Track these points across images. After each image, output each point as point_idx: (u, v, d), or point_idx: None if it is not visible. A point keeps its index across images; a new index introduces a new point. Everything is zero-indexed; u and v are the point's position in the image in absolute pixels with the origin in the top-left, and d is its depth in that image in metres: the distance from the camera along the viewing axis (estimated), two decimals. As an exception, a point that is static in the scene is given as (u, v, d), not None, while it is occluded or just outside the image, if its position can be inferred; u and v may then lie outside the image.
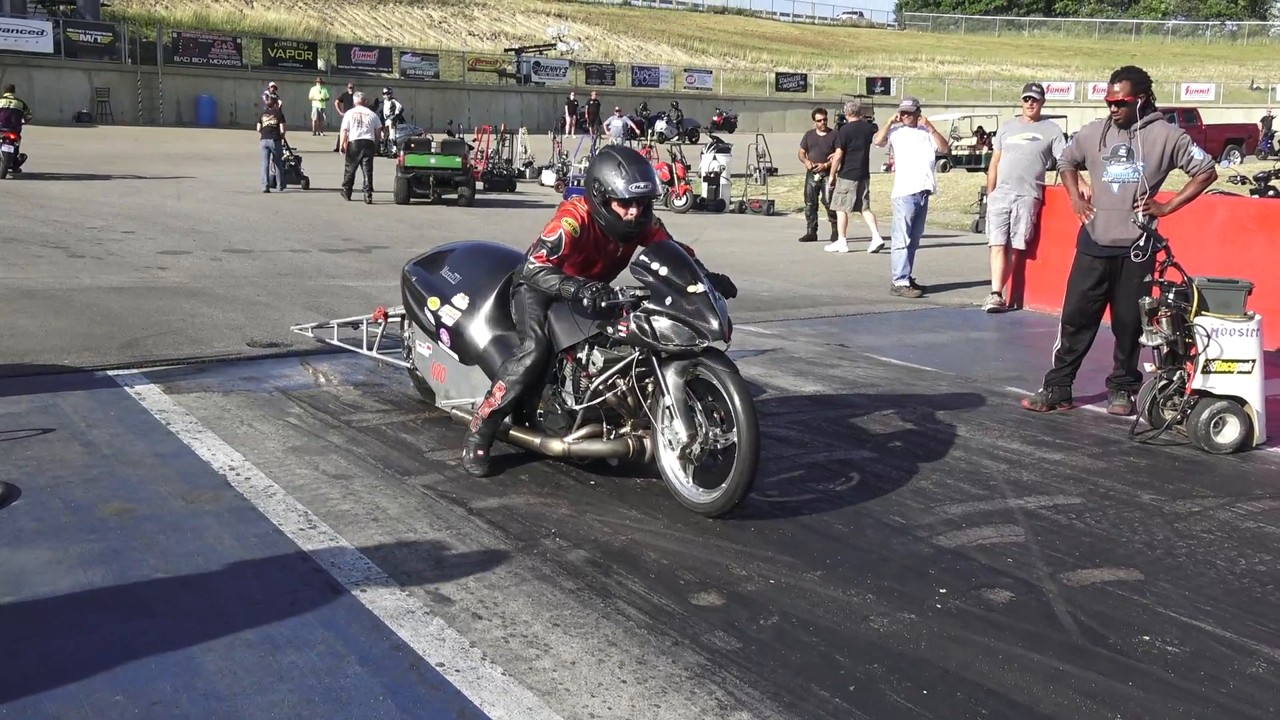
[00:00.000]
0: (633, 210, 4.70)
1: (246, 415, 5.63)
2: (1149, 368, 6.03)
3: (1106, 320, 6.48)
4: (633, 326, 4.46)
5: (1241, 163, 29.30)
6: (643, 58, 55.87)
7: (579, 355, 4.78)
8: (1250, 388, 5.69)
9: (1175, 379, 5.82)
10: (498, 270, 5.44)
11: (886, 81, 57.79)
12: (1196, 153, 6.12)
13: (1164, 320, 5.79)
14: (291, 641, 3.27)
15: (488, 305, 5.31)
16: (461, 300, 5.37)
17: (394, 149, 24.33)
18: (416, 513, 4.38)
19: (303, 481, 4.67)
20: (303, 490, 4.56)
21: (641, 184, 4.66)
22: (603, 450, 4.75)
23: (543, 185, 22.98)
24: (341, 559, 3.88)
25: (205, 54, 38.81)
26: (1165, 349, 5.84)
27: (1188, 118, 33.39)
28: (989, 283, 10.46)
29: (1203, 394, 5.70)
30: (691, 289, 4.41)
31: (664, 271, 4.49)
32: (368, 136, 18.41)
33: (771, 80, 55.68)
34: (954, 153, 30.19)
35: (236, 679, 3.04)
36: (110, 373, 6.32)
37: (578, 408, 4.76)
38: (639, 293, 4.51)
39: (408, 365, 5.99)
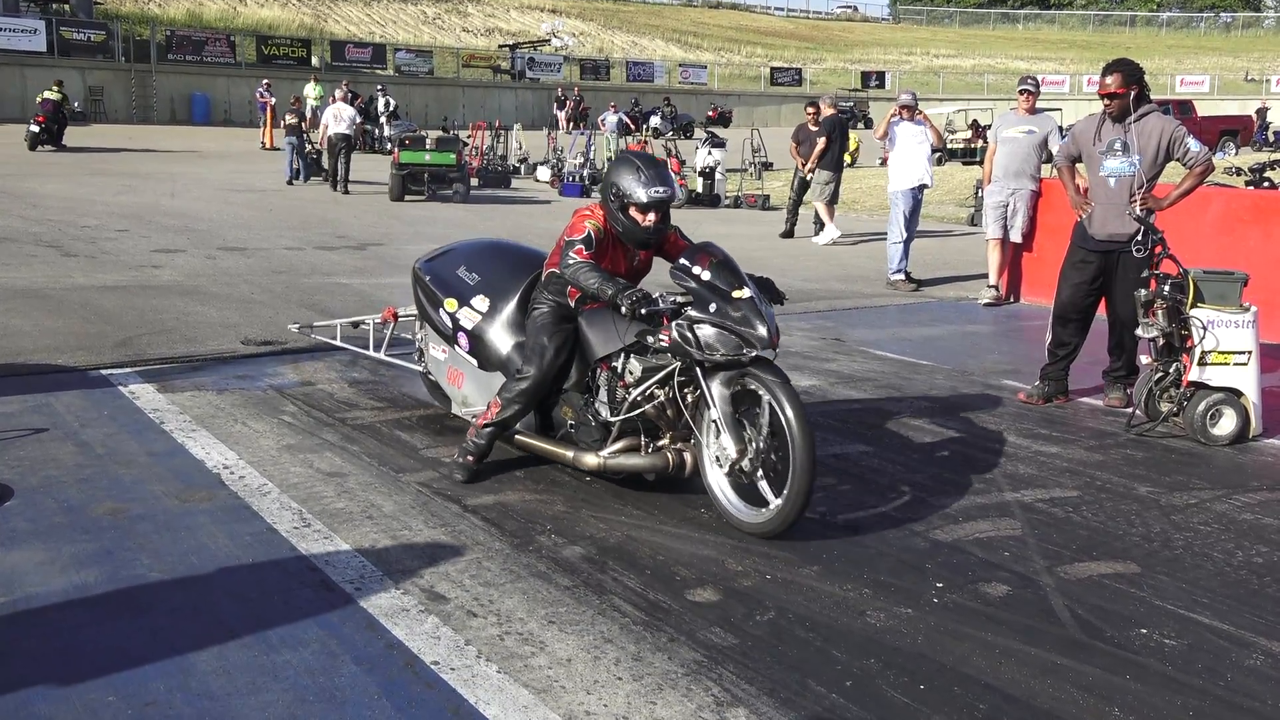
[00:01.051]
0: (651, 215, 4.52)
1: (241, 414, 5.61)
2: (1145, 360, 6.02)
3: (1101, 314, 6.47)
4: (674, 335, 4.19)
5: (1236, 154, 29.29)
6: (637, 53, 55.79)
7: (614, 364, 4.53)
8: (1246, 379, 5.69)
9: (1171, 371, 5.81)
10: (519, 270, 5.18)
11: (881, 75, 57.76)
12: (1193, 144, 6.09)
13: (1160, 312, 5.78)
14: (286, 640, 3.25)
15: (509, 308, 5.05)
16: (481, 302, 5.11)
17: (389, 146, 24.33)
18: (411, 510, 4.36)
19: (297, 480, 4.65)
20: (297, 488, 4.54)
21: (660, 188, 4.48)
22: (641, 465, 4.49)
23: (538, 181, 22.94)
24: (336, 557, 3.86)
25: (199, 52, 38.72)
26: (1161, 341, 5.83)
27: (1183, 110, 33.36)
28: (985, 276, 10.45)
29: (1199, 386, 5.70)
30: (736, 294, 4.16)
31: (706, 276, 4.23)
32: (346, 131, 19.19)
33: (766, 75, 55.63)
34: (949, 146, 30.14)
35: (230, 678, 3.03)
36: (104, 372, 6.30)
37: (613, 420, 4.50)
38: (680, 299, 4.23)
39: (420, 369, 5.74)
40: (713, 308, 4.15)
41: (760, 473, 4.18)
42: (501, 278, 5.18)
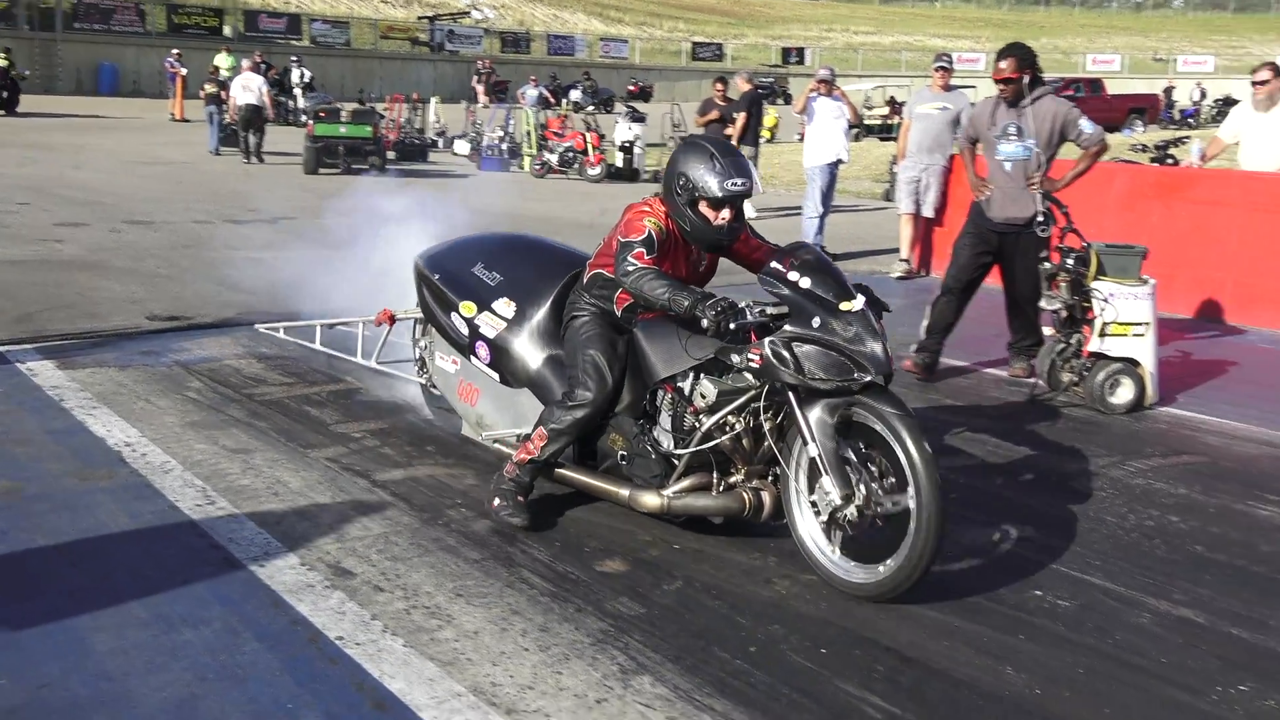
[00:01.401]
0: (726, 212, 3.85)
1: (144, 390, 5.48)
2: (1048, 332, 6.17)
3: (997, 285, 6.59)
4: (768, 354, 3.51)
5: (1144, 131, 30.06)
6: (558, 26, 55.41)
7: (680, 385, 3.83)
8: (1144, 350, 5.86)
9: (1073, 342, 5.96)
10: (550, 270, 4.50)
11: (801, 51, 58.15)
12: (1086, 126, 6.19)
13: (1063, 285, 5.93)
14: (186, 619, 3.20)
15: (540, 315, 4.36)
16: (506, 307, 4.40)
17: (303, 118, 23.90)
18: (319, 486, 4.31)
19: (201, 457, 4.57)
20: (201, 465, 4.46)
21: (738, 180, 3.79)
22: (711, 506, 3.83)
23: (456, 155, 22.70)
24: (240, 534, 3.81)
25: (107, 20, 37.56)
26: (1064, 313, 5.98)
27: (1093, 88, 34.20)
28: (897, 250, 10.60)
29: (1099, 356, 5.86)
30: (845, 306, 3.50)
31: (807, 283, 3.55)
32: (255, 102, 19.01)
33: (688, 50, 55.67)
34: (866, 122, 30.44)
35: (128, 659, 2.98)
36: (0, 348, 6.11)
37: (679, 452, 3.81)
38: (773, 309, 3.58)
39: (421, 382, 5.10)
40: (816, 322, 3.49)
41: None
42: (529, 278, 4.49)
